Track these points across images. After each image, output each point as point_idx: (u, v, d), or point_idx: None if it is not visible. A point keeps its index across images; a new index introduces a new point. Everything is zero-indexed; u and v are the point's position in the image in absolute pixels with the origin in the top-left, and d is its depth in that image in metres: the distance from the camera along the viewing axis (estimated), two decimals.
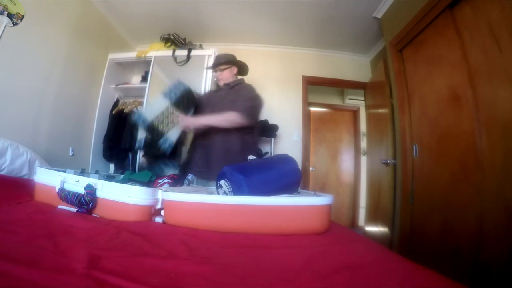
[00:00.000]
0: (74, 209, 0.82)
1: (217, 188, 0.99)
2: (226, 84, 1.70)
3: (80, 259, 0.45)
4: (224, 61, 1.70)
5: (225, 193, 0.93)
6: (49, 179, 0.89)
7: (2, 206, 0.83)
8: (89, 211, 0.82)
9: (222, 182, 0.95)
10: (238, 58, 1.83)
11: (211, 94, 1.87)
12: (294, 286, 0.43)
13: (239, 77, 1.79)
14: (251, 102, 1.55)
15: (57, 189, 0.84)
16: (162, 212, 0.82)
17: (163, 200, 0.82)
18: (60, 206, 0.85)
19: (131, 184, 1.06)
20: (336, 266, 0.50)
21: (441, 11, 1.67)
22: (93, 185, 0.81)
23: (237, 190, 0.89)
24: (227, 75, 1.71)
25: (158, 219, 0.82)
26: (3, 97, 1.71)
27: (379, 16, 2.51)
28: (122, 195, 0.81)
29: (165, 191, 0.82)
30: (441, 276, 0.45)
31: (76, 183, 0.84)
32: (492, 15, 1.34)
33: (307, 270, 0.49)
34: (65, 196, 0.82)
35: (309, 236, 0.73)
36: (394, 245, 2.11)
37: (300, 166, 3.12)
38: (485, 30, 1.37)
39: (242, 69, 1.79)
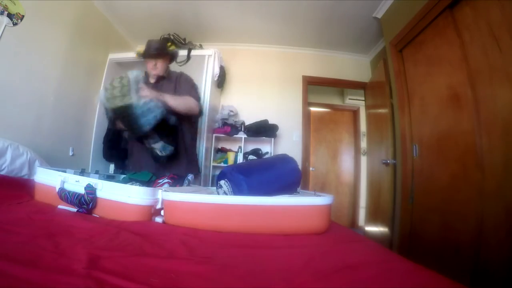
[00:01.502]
0: (74, 209, 0.82)
1: (217, 188, 0.99)
2: (161, 76, 1.56)
3: (80, 259, 0.45)
4: (161, 48, 1.53)
5: (225, 193, 0.93)
6: (49, 179, 0.89)
7: (2, 206, 0.83)
8: (89, 211, 0.82)
9: (222, 182, 0.95)
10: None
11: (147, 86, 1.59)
12: (294, 286, 0.43)
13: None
14: (197, 91, 1.60)
15: (57, 189, 0.84)
16: (162, 212, 0.82)
17: (163, 200, 0.82)
18: (60, 206, 0.85)
19: (132, 184, 1.06)
20: (336, 266, 0.50)
21: (441, 11, 1.67)
22: (93, 185, 0.81)
23: (237, 190, 0.89)
24: (164, 65, 1.56)
25: (158, 219, 0.82)
26: (3, 97, 1.71)
27: (379, 16, 2.51)
28: (122, 195, 0.81)
29: (165, 191, 0.82)
30: (441, 276, 0.45)
31: (76, 183, 0.84)
32: (492, 15, 1.34)
33: (307, 270, 0.49)
34: (65, 196, 0.82)
35: (309, 236, 0.73)
36: (394, 245, 2.11)
37: (300, 166, 3.12)
38: (485, 30, 1.37)
39: (173, 58, 1.67)
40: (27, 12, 1.80)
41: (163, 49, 1.56)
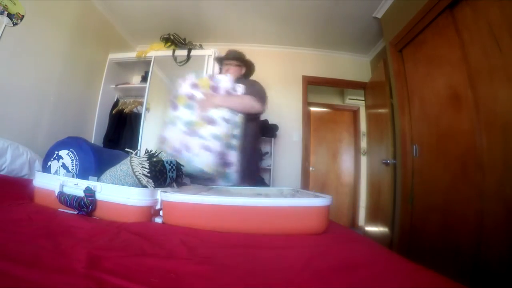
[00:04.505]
0: (74, 212, 0.82)
1: (50, 159, 0.94)
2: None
3: (80, 259, 0.45)
4: (237, 57, 1.60)
5: (64, 165, 0.90)
6: (48, 183, 0.89)
7: (2, 206, 0.83)
8: (89, 214, 0.82)
9: (63, 152, 0.91)
10: None
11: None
12: (294, 286, 0.43)
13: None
14: (263, 90, 1.56)
15: (56, 193, 0.84)
16: (161, 213, 0.82)
17: (162, 201, 0.82)
18: (60, 210, 0.85)
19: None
20: (336, 266, 0.50)
21: (441, 11, 1.67)
22: (92, 188, 0.81)
23: (82, 168, 0.89)
24: (236, 73, 1.59)
25: (158, 220, 0.82)
26: (3, 97, 1.71)
27: (379, 16, 2.51)
28: (122, 197, 0.80)
29: (164, 191, 0.82)
30: (441, 276, 0.45)
31: (75, 186, 0.83)
32: (492, 15, 1.34)
33: (307, 270, 0.49)
34: (65, 199, 0.81)
35: (309, 236, 0.73)
36: (394, 245, 2.11)
37: (300, 166, 3.12)
38: (485, 30, 1.37)
39: (249, 71, 1.71)
40: (27, 12, 1.80)
41: (237, 56, 1.61)
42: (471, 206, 1.41)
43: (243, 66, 1.66)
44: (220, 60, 1.64)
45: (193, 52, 2.63)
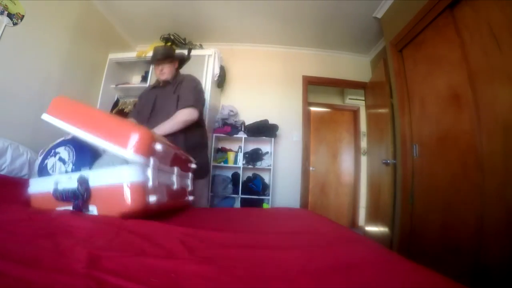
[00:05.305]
0: (71, 207, 0.82)
1: (46, 157, 0.97)
2: (167, 81, 1.63)
3: (80, 259, 0.45)
4: (167, 54, 1.61)
5: (61, 159, 0.93)
6: (42, 186, 0.89)
7: (2, 206, 0.83)
8: (85, 202, 0.81)
9: (60, 148, 0.95)
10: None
11: (152, 91, 1.71)
12: (293, 286, 0.43)
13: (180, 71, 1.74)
14: (196, 93, 1.58)
15: (51, 192, 0.84)
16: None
17: None
18: (57, 208, 0.85)
19: None
20: (336, 266, 0.50)
21: (441, 11, 1.67)
22: (85, 176, 0.81)
23: (80, 163, 0.92)
24: (170, 70, 1.63)
25: (152, 198, 0.83)
26: (3, 97, 1.71)
27: (379, 16, 2.51)
28: (114, 178, 0.80)
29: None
30: (441, 276, 0.45)
31: (69, 180, 0.84)
32: (492, 15, 1.34)
33: (307, 270, 0.49)
34: (60, 194, 0.82)
35: (309, 235, 0.73)
36: (394, 245, 2.11)
37: (300, 166, 3.12)
38: (485, 30, 1.37)
39: (182, 62, 1.74)
40: (27, 12, 1.80)
41: (168, 54, 1.61)
42: (471, 207, 1.41)
43: (175, 61, 1.67)
44: (152, 61, 1.63)
45: (193, 52, 2.63)
